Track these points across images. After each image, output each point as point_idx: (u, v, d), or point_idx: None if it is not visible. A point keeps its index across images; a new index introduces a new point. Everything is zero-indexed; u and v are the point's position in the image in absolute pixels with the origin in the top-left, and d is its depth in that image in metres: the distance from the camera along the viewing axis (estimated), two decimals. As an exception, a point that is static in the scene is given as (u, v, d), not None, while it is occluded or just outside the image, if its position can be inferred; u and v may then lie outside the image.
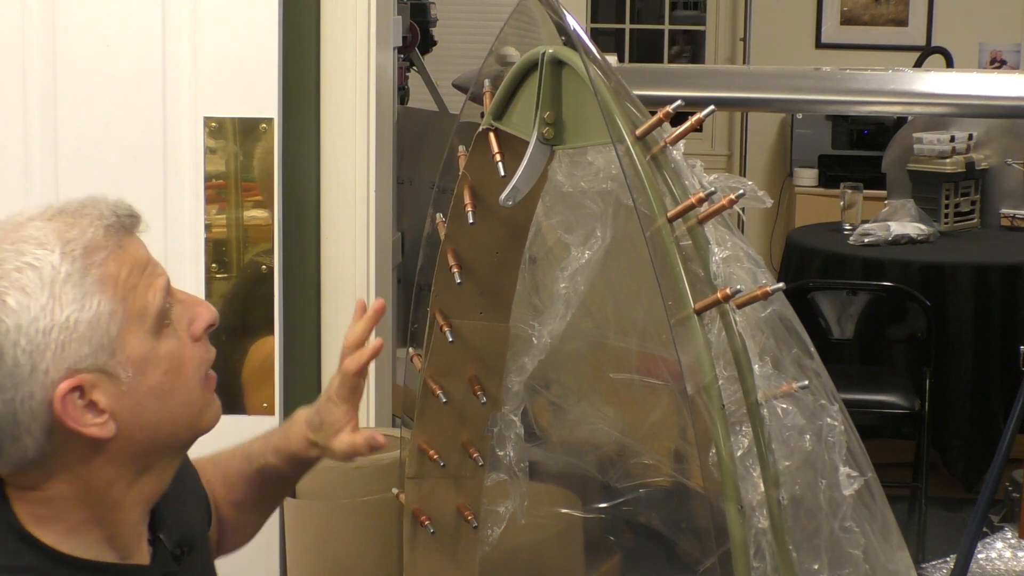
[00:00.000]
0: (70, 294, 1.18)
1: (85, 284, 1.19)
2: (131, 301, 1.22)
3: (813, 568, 1.26)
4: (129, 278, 1.22)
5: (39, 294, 1.17)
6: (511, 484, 1.71)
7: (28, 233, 1.20)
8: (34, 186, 2.27)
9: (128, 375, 1.21)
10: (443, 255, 1.63)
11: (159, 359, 1.23)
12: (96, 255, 1.20)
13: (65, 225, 1.21)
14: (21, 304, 1.16)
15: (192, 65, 2.25)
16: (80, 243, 1.20)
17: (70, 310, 1.17)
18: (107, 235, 1.22)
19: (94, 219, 1.22)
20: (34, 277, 1.17)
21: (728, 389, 1.21)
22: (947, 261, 4.14)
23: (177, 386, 1.26)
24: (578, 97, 1.38)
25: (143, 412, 1.23)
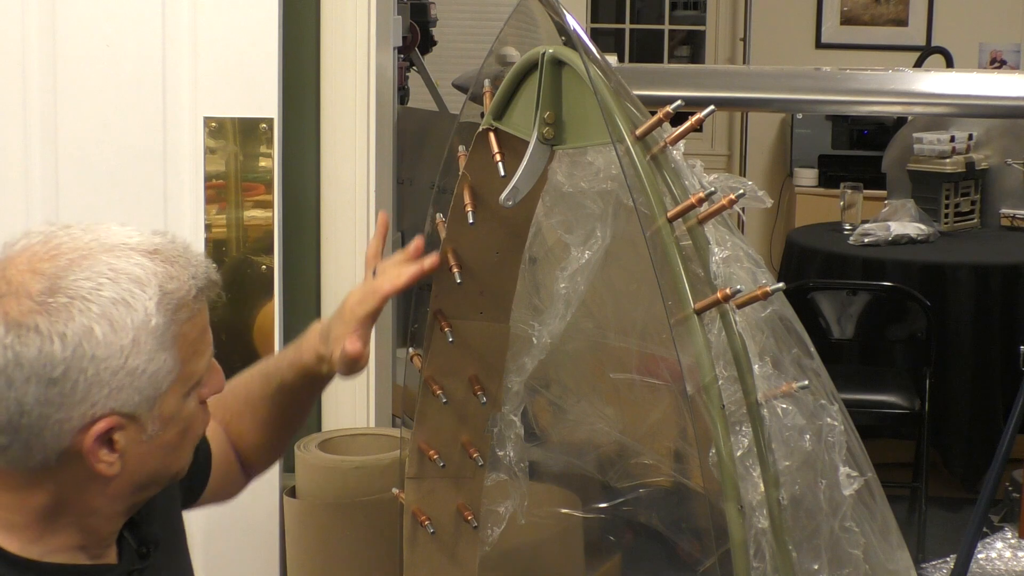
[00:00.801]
0: (150, 344, 1.19)
1: (164, 339, 1.21)
2: (188, 364, 1.24)
3: (813, 568, 1.26)
4: (195, 342, 1.25)
5: (124, 335, 1.18)
6: (511, 484, 1.71)
7: (127, 264, 1.21)
8: (34, 186, 2.27)
9: (155, 429, 1.23)
10: (443, 255, 1.63)
11: (180, 419, 1.26)
12: (182, 313, 1.22)
13: (166, 272, 1.22)
14: (105, 338, 1.17)
15: (192, 65, 2.25)
16: (175, 298, 1.22)
17: (142, 360, 1.19)
18: (196, 298, 1.24)
19: (191, 276, 1.24)
20: (125, 316, 1.18)
21: (728, 389, 1.21)
22: (947, 261, 4.14)
23: (183, 444, 1.29)
24: (578, 97, 1.38)
25: (149, 461, 1.25)
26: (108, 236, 1.23)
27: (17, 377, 1.15)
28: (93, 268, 1.19)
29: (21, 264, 1.19)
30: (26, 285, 1.17)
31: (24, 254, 1.21)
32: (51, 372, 1.15)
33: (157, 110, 2.26)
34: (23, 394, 1.16)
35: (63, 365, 1.16)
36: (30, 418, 1.17)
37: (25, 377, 1.15)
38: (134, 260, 1.21)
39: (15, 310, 1.16)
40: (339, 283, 2.41)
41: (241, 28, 2.24)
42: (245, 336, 2.28)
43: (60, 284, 1.17)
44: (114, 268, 1.19)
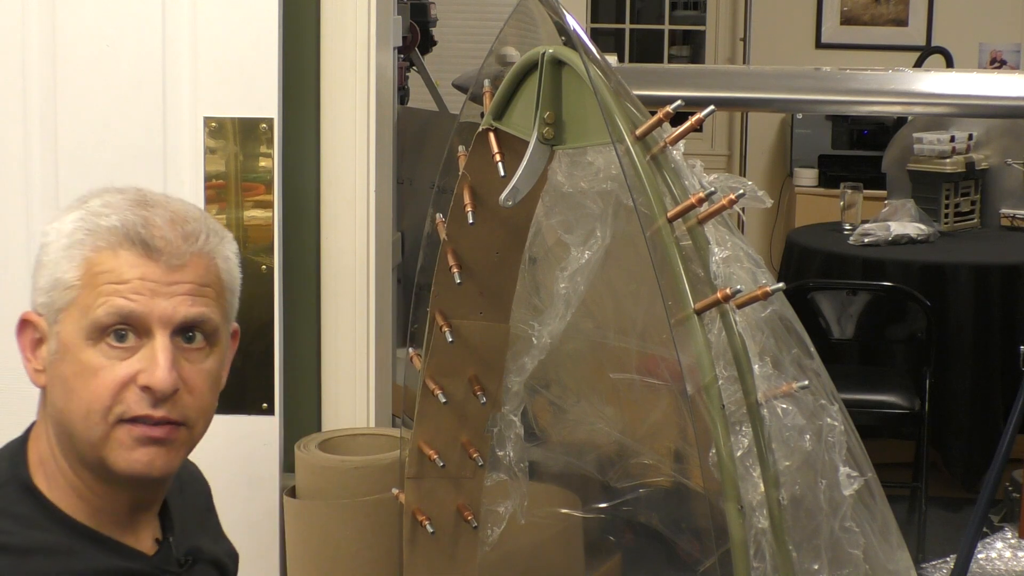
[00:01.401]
0: (58, 247, 1.30)
1: (71, 251, 1.29)
2: (85, 297, 1.28)
3: (813, 568, 1.26)
4: (99, 278, 1.28)
5: (54, 235, 1.30)
6: (511, 484, 1.71)
7: (110, 194, 1.32)
8: (34, 186, 2.27)
9: (54, 348, 1.29)
10: (443, 255, 1.63)
11: (76, 359, 1.28)
12: (92, 240, 1.29)
13: (113, 204, 1.30)
14: (47, 237, 1.31)
15: (192, 65, 2.25)
16: (92, 222, 1.29)
17: (50, 259, 1.30)
18: (110, 235, 1.28)
19: (118, 219, 1.29)
20: (59, 221, 1.31)
21: (728, 389, 1.21)
22: (947, 261, 4.14)
23: (79, 394, 1.28)
24: (578, 97, 1.38)
25: (54, 391, 1.30)
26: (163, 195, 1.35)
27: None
28: (107, 195, 1.32)
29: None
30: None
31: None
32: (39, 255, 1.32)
33: (157, 110, 2.26)
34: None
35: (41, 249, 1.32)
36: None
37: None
38: (114, 194, 1.32)
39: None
40: (339, 283, 2.41)
41: (241, 28, 2.24)
42: (245, 336, 2.28)
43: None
44: (105, 191, 1.33)
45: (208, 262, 1.31)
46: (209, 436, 1.38)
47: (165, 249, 1.28)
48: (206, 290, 1.30)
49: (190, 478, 1.50)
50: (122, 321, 1.27)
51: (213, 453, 1.60)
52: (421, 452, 1.72)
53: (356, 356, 2.42)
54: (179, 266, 1.28)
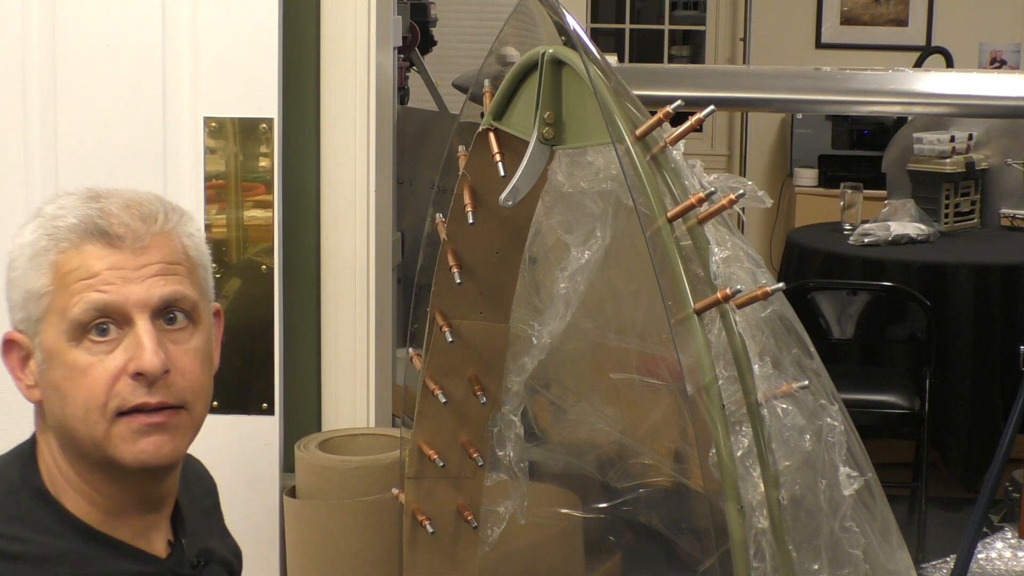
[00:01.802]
0: (23, 259, 1.30)
1: (38, 260, 1.29)
2: (59, 300, 1.27)
3: (813, 568, 1.26)
4: (68, 278, 1.27)
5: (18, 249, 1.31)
6: (511, 484, 1.71)
7: (64, 198, 1.33)
8: (34, 186, 2.27)
9: (40, 359, 1.29)
10: (443, 255, 1.63)
11: (63, 363, 1.27)
12: (54, 244, 1.29)
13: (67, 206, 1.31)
14: (11, 254, 1.32)
15: (192, 65, 2.25)
16: (50, 227, 1.30)
17: (18, 275, 1.30)
18: (71, 232, 1.29)
19: (75, 217, 1.29)
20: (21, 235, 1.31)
21: (728, 389, 1.21)
22: (947, 261, 4.14)
23: (73, 397, 1.27)
24: (578, 97, 1.38)
25: (49, 401, 1.29)
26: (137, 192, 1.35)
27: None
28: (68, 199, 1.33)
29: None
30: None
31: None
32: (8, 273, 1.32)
33: (157, 110, 2.26)
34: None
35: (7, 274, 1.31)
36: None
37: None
38: (69, 197, 1.33)
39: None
40: (339, 283, 2.41)
41: (241, 28, 2.24)
42: (245, 336, 2.28)
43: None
44: (59, 196, 1.34)
45: (172, 241, 1.31)
46: (209, 436, 1.38)
47: (127, 235, 1.28)
48: (176, 267, 1.30)
49: (196, 477, 1.50)
50: (100, 315, 1.26)
51: (213, 453, 1.61)
52: (421, 452, 1.72)
53: (356, 356, 2.42)
54: (144, 248, 1.28)
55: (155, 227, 1.30)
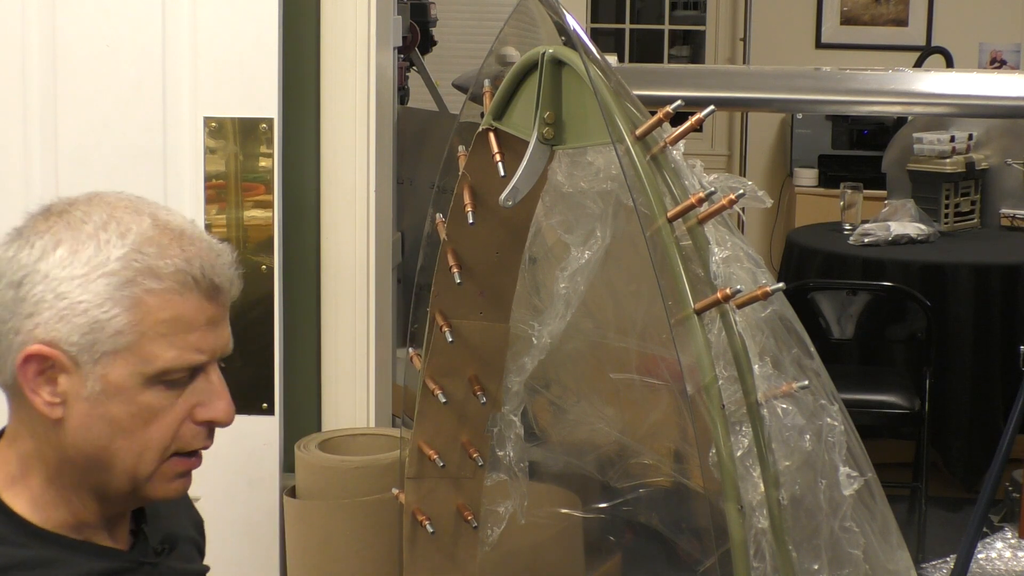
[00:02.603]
0: (100, 288, 1.20)
1: (120, 294, 1.20)
2: (147, 342, 1.22)
3: (813, 568, 1.26)
4: (162, 325, 1.22)
5: (79, 267, 1.20)
6: (511, 484, 1.71)
7: (129, 219, 1.23)
8: (34, 186, 2.27)
9: (95, 388, 1.22)
10: (443, 255, 1.63)
11: (133, 402, 1.23)
12: (151, 281, 1.21)
13: (158, 242, 1.23)
14: (61, 261, 1.21)
15: (192, 65, 2.25)
16: (148, 262, 1.21)
17: (88, 299, 1.20)
18: (175, 277, 1.23)
19: (184, 259, 1.23)
20: (88, 251, 1.21)
21: (728, 389, 1.21)
22: (947, 261, 4.14)
23: (136, 435, 1.25)
24: (578, 97, 1.38)
25: (90, 428, 1.24)
26: (147, 205, 1.27)
27: (4, 274, 1.22)
28: (101, 211, 1.23)
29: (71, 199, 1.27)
30: (51, 207, 1.26)
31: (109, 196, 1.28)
32: (14, 274, 1.21)
33: (157, 110, 2.26)
34: (2, 295, 1.22)
35: (23, 271, 1.21)
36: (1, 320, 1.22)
37: (2, 274, 1.22)
38: (139, 219, 1.24)
39: (29, 223, 1.25)
40: (339, 283, 2.41)
41: (241, 28, 2.24)
42: (245, 336, 2.28)
43: (68, 210, 1.24)
44: (115, 216, 1.23)
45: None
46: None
47: (224, 287, 1.27)
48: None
49: None
50: (190, 372, 1.25)
51: (213, 453, 1.60)
52: (421, 452, 1.72)
53: (356, 356, 2.42)
54: (228, 300, 1.28)
55: (235, 274, 1.29)
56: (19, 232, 1.25)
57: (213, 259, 1.26)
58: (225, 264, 1.27)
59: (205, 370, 1.26)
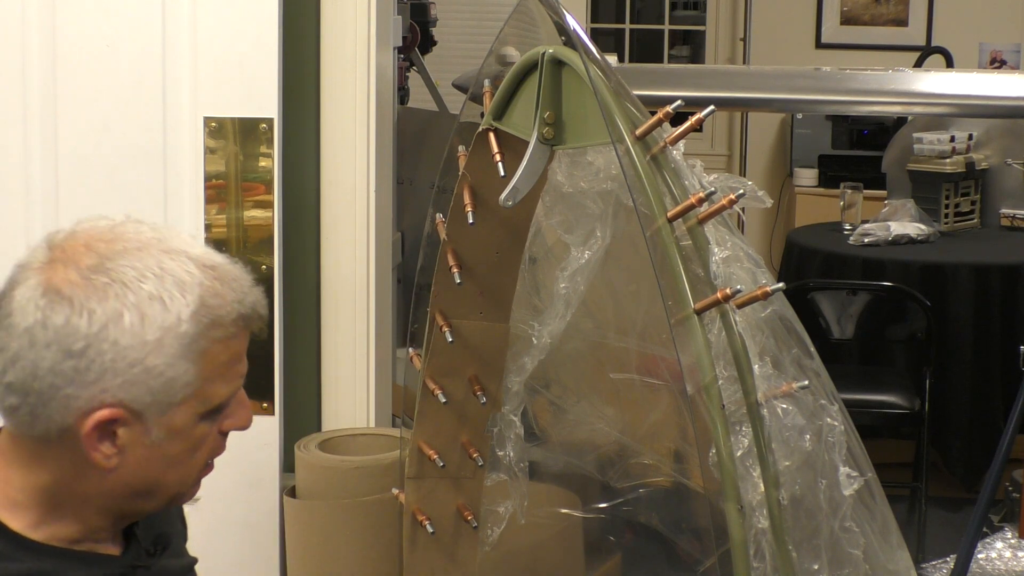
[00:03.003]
0: (174, 349, 1.20)
1: (190, 349, 1.21)
2: (209, 384, 1.24)
3: (813, 568, 1.26)
4: (222, 367, 1.24)
5: (151, 331, 1.19)
6: (511, 484, 1.71)
7: (177, 267, 1.22)
8: (34, 186, 2.27)
9: (159, 436, 1.23)
10: (443, 255, 1.63)
11: (190, 437, 1.25)
12: (216, 331, 1.23)
13: (212, 287, 1.23)
14: (132, 328, 1.18)
15: (192, 65, 2.25)
16: (213, 313, 1.22)
17: (162, 362, 1.20)
18: (235, 322, 1.25)
19: (236, 300, 1.24)
20: (158, 314, 1.19)
21: (728, 389, 1.21)
22: (947, 261, 4.14)
23: (185, 463, 1.28)
24: (578, 97, 1.38)
25: (148, 468, 1.25)
26: (173, 239, 1.25)
27: (40, 339, 1.17)
28: (144, 261, 1.21)
29: (81, 238, 1.23)
30: (77, 257, 1.20)
31: (90, 231, 1.24)
32: (71, 344, 1.17)
33: (157, 110, 2.26)
34: (41, 358, 1.17)
35: (84, 341, 1.17)
36: (41, 384, 1.18)
37: (47, 342, 1.17)
38: (187, 267, 1.22)
39: (59, 277, 1.19)
40: (339, 283, 2.41)
41: (241, 28, 2.24)
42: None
43: (107, 265, 1.20)
44: (164, 267, 1.21)
45: None
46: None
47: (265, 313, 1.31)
48: None
49: None
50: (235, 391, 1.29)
51: (213, 453, 1.61)
52: (421, 452, 1.72)
53: (356, 356, 2.42)
54: None
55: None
56: (59, 294, 1.18)
57: (251, 289, 1.28)
58: (258, 289, 1.29)
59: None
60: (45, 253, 1.22)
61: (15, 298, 1.19)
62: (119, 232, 1.24)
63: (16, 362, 1.18)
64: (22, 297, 1.19)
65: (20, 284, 1.20)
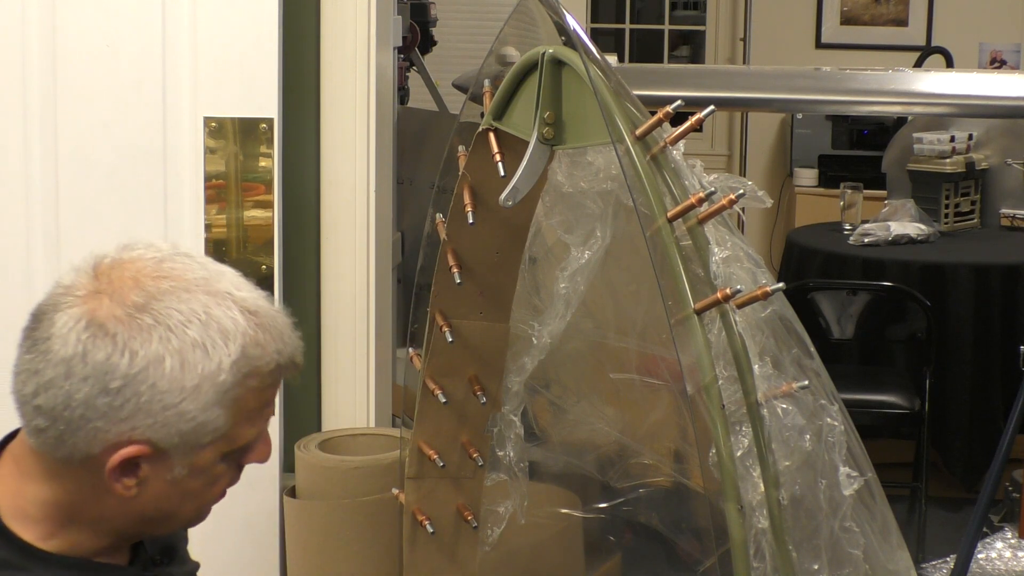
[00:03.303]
0: (209, 397, 1.20)
1: (225, 397, 1.21)
2: (237, 428, 1.24)
3: (813, 568, 1.26)
4: (253, 412, 1.25)
5: (190, 378, 1.19)
6: (511, 484, 1.71)
7: (223, 313, 1.21)
8: (34, 186, 2.27)
9: (181, 473, 1.24)
10: (443, 255, 1.63)
11: (209, 472, 1.26)
12: (253, 380, 1.22)
13: (255, 336, 1.22)
14: (171, 373, 1.18)
15: (192, 65, 2.25)
16: (253, 363, 1.22)
17: (196, 408, 1.20)
18: (273, 372, 1.24)
19: (276, 350, 1.24)
20: (199, 362, 1.19)
21: (728, 389, 1.21)
22: (947, 261, 4.14)
23: (203, 496, 1.29)
24: (578, 97, 1.38)
25: (165, 500, 1.26)
26: (219, 279, 1.24)
27: (77, 372, 1.17)
28: (190, 304, 1.20)
29: (129, 270, 1.22)
30: (124, 292, 1.19)
31: (137, 263, 1.22)
32: (109, 382, 1.17)
33: (157, 110, 2.26)
34: (76, 390, 1.17)
35: (122, 380, 1.17)
36: (72, 414, 1.18)
37: (84, 375, 1.17)
38: (231, 312, 1.21)
39: (104, 311, 1.18)
40: (339, 283, 2.41)
41: (241, 28, 2.24)
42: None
43: (153, 306, 1.19)
44: (209, 312, 1.20)
45: None
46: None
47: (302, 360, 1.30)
48: None
49: None
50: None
51: (213, 453, 1.61)
52: (421, 452, 1.72)
53: (356, 356, 2.42)
54: None
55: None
56: (102, 329, 1.18)
57: (291, 338, 1.27)
58: (297, 337, 1.28)
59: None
60: (91, 281, 1.21)
61: (56, 323, 1.19)
62: (167, 268, 1.22)
63: (49, 388, 1.18)
64: (63, 325, 1.18)
65: (62, 309, 1.19)
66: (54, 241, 2.26)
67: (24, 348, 1.21)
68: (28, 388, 1.20)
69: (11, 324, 1.32)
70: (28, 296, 2.27)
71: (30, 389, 1.20)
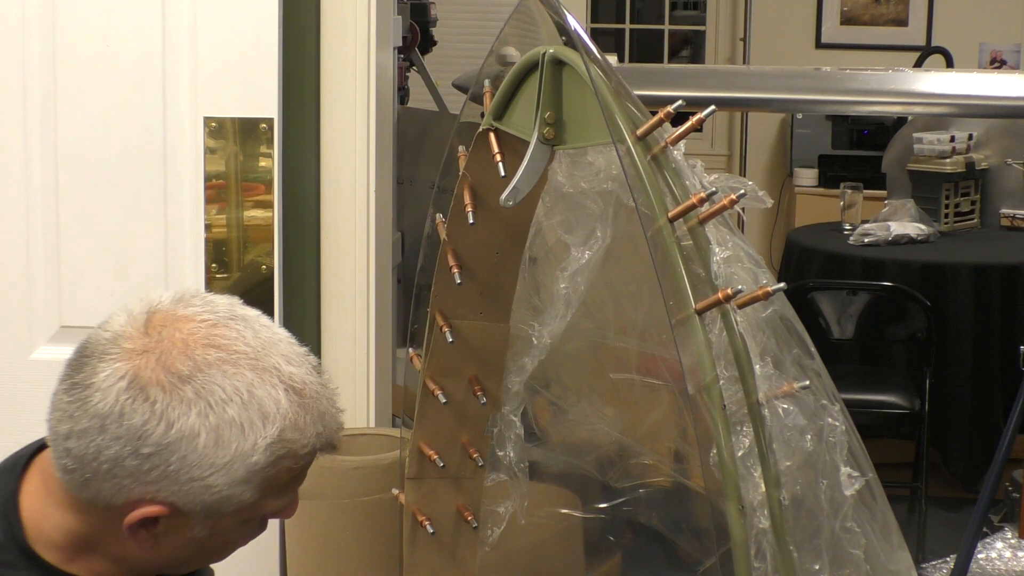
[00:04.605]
0: (240, 474, 1.19)
1: (254, 476, 1.20)
2: (264, 500, 1.23)
3: (814, 568, 1.26)
4: (282, 487, 1.24)
5: (223, 455, 1.18)
6: (511, 484, 1.71)
7: (265, 393, 1.20)
8: (34, 186, 2.27)
9: (200, 534, 1.23)
10: (443, 255, 1.63)
11: (228, 533, 1.26)
12: (284, 462, 1.21)
13: (295, 418, 1.21)
14: (204, 448, 1.18)
15: (192, 65, 2.25)
16: (285, 447, 1.20)
17: (224, 482, 1.19)
18: (308, 453, 1.24)
19: (316, 433, 1.23)
20: (233, 440, 1.18)
21: (729, 389, 1.21)
22: (947, 261, 4.14)
23: (220, 552, 1.29)
24: (579, 97, 1.37)
25: (182, 552, 1.26)
26: (269, 353, 1.22)
27: (111, 430, 1.17)
28: (234, 380, 1.19)
29: (182, 331, 1.20)
30: (171, 357, 1.18)
31: (190, 323, 1.21)
32: (141, 447, 1.17)
33: (157, 110, 2.26)
34: (107, 446, 1.17)
35: (154, 448, 1.17)
36: (99, 466, 1.18)
37: (117, 435, 1.17)
38: (275, 392, 1.20)
39: (148, 373, 1.18)
40: (339, 283, 2.41)
41: (241, 28, 2.24)
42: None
43: (198, 377, 1.18)
44: (252, 391, 1.19)
45: None
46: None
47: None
48: None
49: None
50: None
51: (213, 453, 1.61)
52: (421, 452, 1.72)
53: (356, 356, 2.42)
54: None
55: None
56: (143, 392, 1.17)
57: (333, 418, 1.25)
58: (340, 416, 1.27)
59: None
60: (141, 335, 1.20)
61: (98, 373, 1.18)
62: (217, 337, 1.21)
63: (82, 437, 1.18)
64: (106, 378, 1.17)
65: (107, 360, 1.18)
66: (54, 241, 2.26)
67: (64, 388, 1.20)
68: (62, 428, 1.19)
69: (11, 324, 1.32)
70: (28, 296, 2.28)
71: (63, 429, 1.19)
